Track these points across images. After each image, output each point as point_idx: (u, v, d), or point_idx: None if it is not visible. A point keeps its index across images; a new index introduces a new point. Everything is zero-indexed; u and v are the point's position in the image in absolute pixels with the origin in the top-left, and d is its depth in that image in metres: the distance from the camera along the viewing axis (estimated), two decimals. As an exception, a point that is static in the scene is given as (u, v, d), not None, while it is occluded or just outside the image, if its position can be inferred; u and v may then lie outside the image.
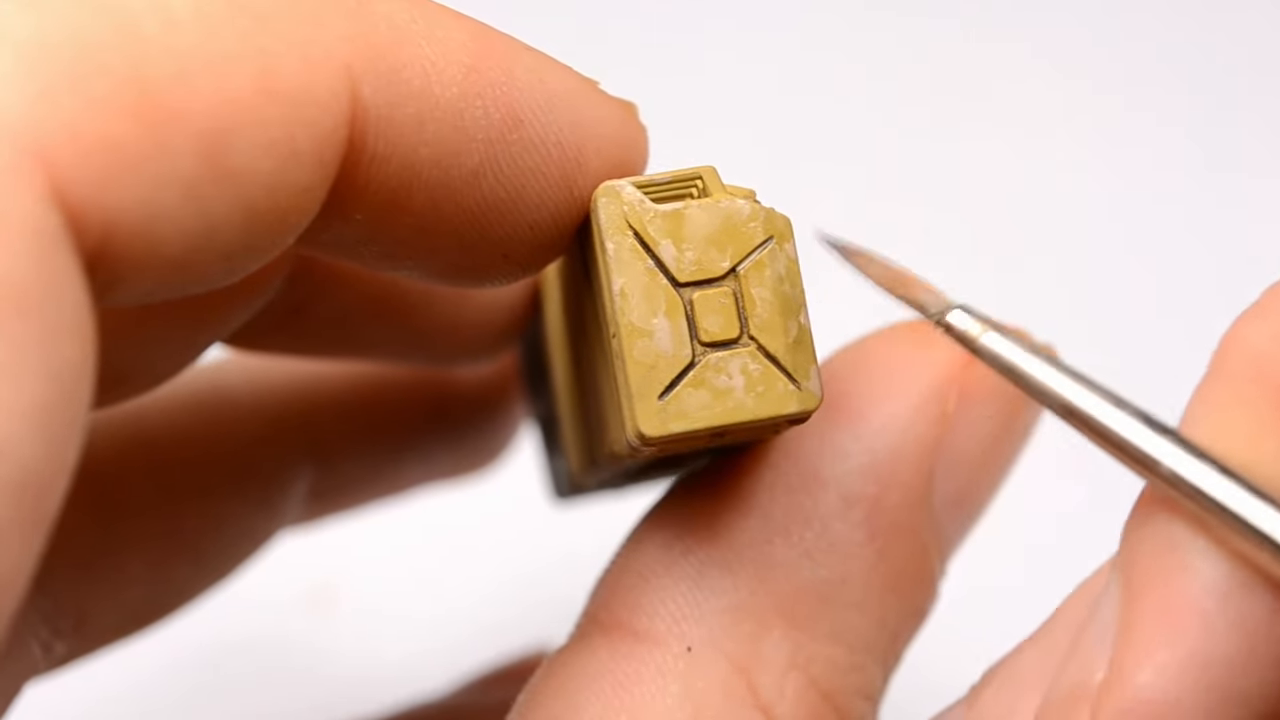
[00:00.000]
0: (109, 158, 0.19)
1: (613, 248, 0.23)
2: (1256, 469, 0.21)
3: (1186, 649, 0.21)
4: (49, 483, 0.19)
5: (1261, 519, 0.20)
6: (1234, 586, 0.21)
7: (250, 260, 0.22)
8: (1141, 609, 0.21)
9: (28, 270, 0.18)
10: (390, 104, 0.22)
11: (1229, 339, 0.22)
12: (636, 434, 0.23)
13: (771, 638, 0.25)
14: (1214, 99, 0.49)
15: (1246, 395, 0.21)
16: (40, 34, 0.19)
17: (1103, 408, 0.22)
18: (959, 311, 0.23)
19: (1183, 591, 0.21)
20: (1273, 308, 0.22)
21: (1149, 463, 0.21)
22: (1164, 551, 0.21)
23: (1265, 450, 0.21)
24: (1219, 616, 0.21)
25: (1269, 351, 0.21)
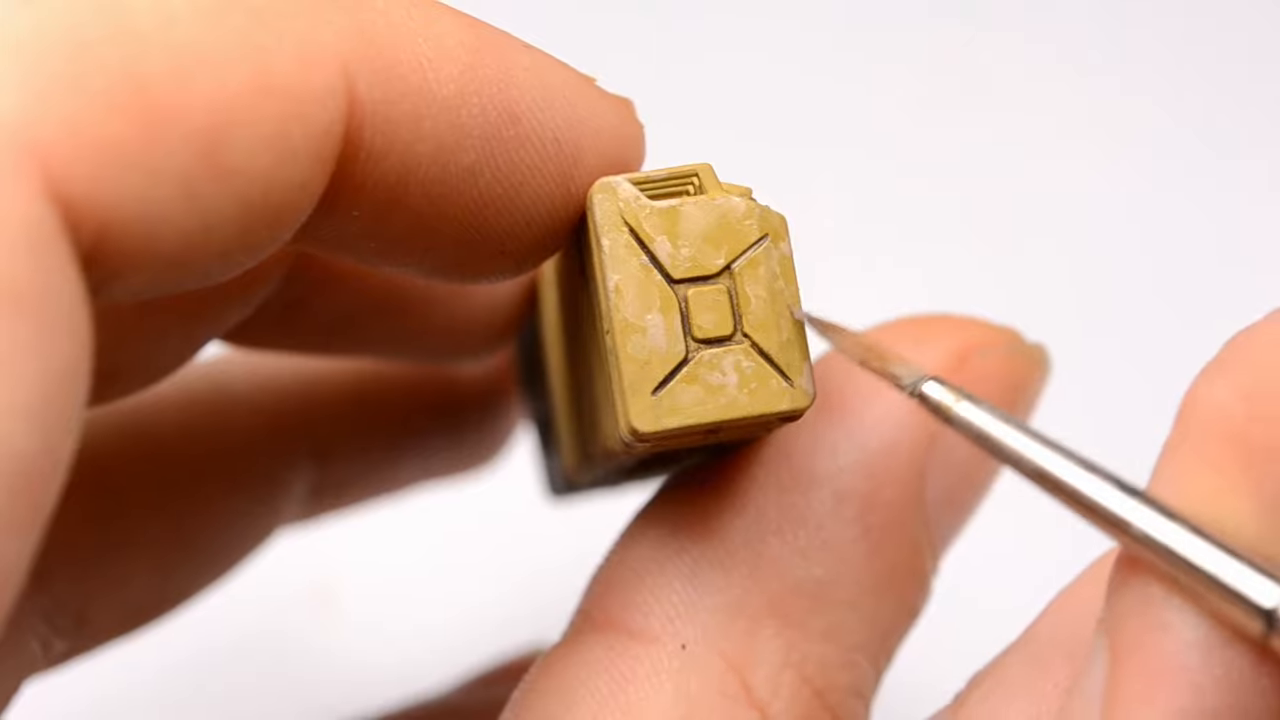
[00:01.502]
0: (105, 155, 0.19)
1: (608, 244, 0.23)
2: (1224, 528, 0.21)
3: (1173, 707, 0.21)
4: (44, 479, 0.19)
5: (1230, 576, 0.21)
6: (1213, 643, 0.21)
7: (247, 256, 0.22)
8: (1127, 669, 0.21)
9: (23, 267, 0.18)
10: (387, 100, 0.22)
11: (1192, 396, 0.22)
12: (630, 430, 0.23)
13: (765, 636, 0.25)
14: (1214, 88, 0.49)
15: (1212, 453, 0.21)
16: (36, 30, 0.19)
17: (1073, 472, 0.22)
18: (933, 383, 0.23)
19: (1165, 650, 0.21)
20: (1234, 363, 0.22)
21: (1120, 524, 0.21)
22: (1143, 611, 0.21)
23: (1233, 508, 0.21)
24: (1203, 673, 0.21)
25: (1232, 408, 0.21)
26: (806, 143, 0.49)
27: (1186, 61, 0.50)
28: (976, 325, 0.28)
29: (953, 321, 0.28)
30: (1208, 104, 0.49)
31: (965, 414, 0.23)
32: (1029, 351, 0.28)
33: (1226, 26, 0.50)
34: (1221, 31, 0.50)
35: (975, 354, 0.27)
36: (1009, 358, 0.28)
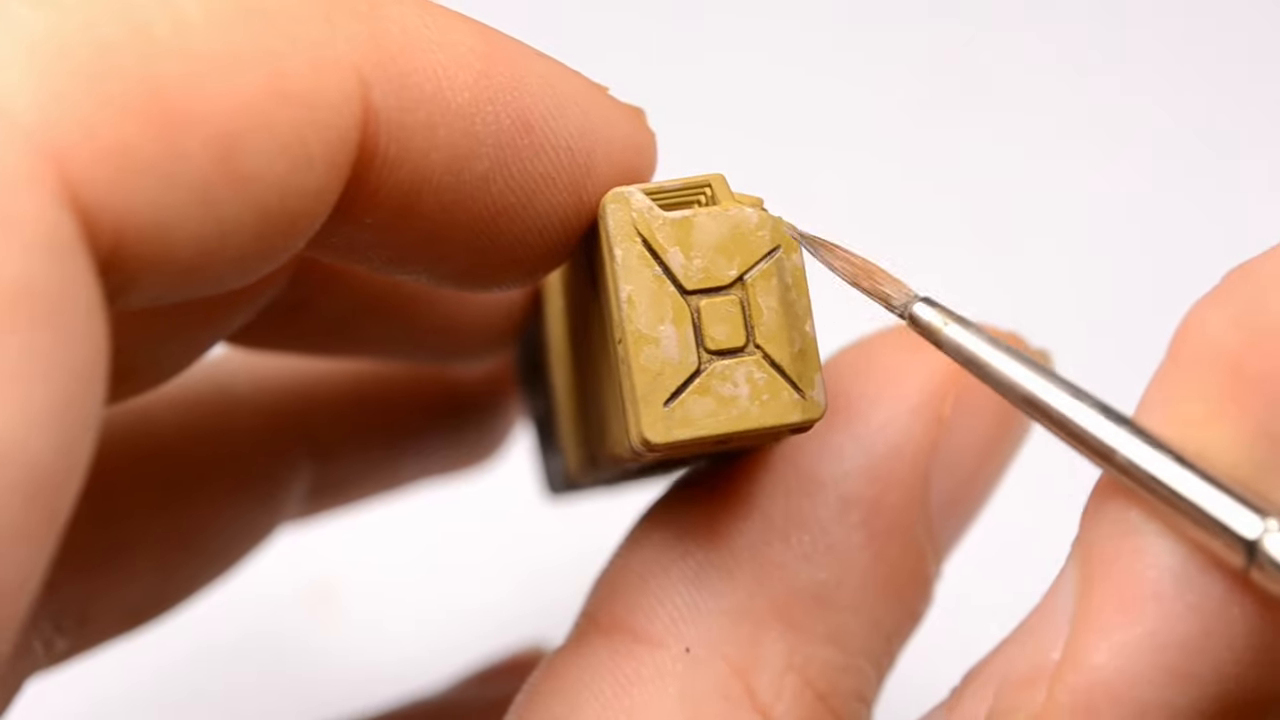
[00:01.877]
0: (122, 160, 0.19)
1: (621, 254, 0.23)
2: (1209, 455, 0.21)
3: (1142, 630, 0.21)
4: (61, 486, 0.19)
5: (1213, 506, 0.21)
6: (1190, 570, 0.21)
7: (261, 264, 0.22)
8: (1098, 591, 0.21)
9: (42, 274, 0.18)
10: (402, 108, 0.22)
11: (1186, 324, 0.22)
12: (641, 440, 0.23)
13: (769, 640, 0.25)
14: (1215, 87, 0.50)
15: (1201, 381, 0.21)
16: (53, 34, 0.19)
17: (1061, 398, 0.22)
18: (923, 304, 0.23)
19: (1139, 574, 0.21)
20: (1231, 293, 0.22)
21: (1106, 452, 0.21)
22: (1121, 535, 0.21)
23: (1218, 437, 0.21)
24: (1175, 599, 0.21)
25: (1225, 337, 0.21)
26: (806, 143, 0.49)
27: (1187, 61, 0.50)
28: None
29: None
30: (1208, 104, 0.49)
31: (955, 336, 0.23)
32: (1034, 356, 0.28)
33: (1227, 26, 0.50)
34: (1222, 31, 0.50)
35: None
36: None
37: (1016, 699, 0.22)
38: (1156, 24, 0.50)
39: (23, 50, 0.19)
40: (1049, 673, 0.22)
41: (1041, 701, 0.21)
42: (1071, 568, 0.22)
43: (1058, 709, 0.21)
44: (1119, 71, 0.50)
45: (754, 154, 0.47)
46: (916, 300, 0.23)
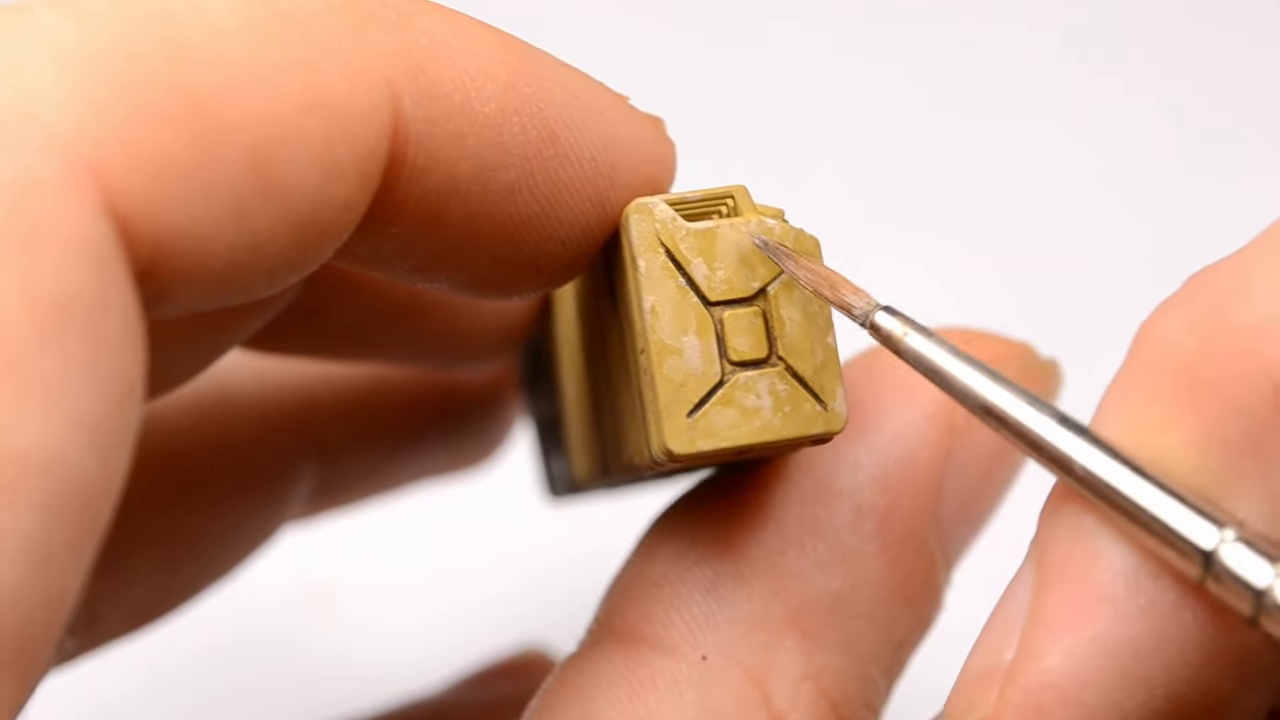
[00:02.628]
0: (159, 170, 0.19)
1: (644, 265, 0.23)
2: (1165, 462, 0.21)
3: (1094, 633, 0.21)
4: (101, 497, 0.19)
5: (1170, 516, 0.21)
6: (1142, 574, 0.21)
7: (290, 273, 0.22)
8: (1052, 593, 0.21)
9: (84, 286, 0.18)
10: (431, 119, 0.22)
11: (1145, 328, 0.22)
12: (664, 451, 0.23)
13: (785, 648, 0.25)
14: (1216, 87, 0.50)
15: (1158, 386, 0.21)
16: (89, 44, 0.19)
17: (1019, 407, 0.22)
18: (884, 313, 0.23)
19: (1092, 577, 0.21)
20: (1190, 298, 0.22)
21: (1064, 461, 0.22)
22: (1076, 538, 0.22)
23: (1174, 443, 0.21)
24: (1127, 603, 0.21)
25: (1181, 342, 0.21)
26: (806, 142, 0.49)
27: (1188, 61, 0.50)
28: (991, 340, 0.28)
29: (968, 336, 0.28)
30: (1209, 103, 0.49)
31: (915, 345, 0.23)
32: (1043, 366, 0.28)
33: (1229, 27, 0.50)
34: (1223, 31, 0.50)
35: (998, 369, 0.27)
36: (1023, 372, 0.28)
37: (971, 697, 0.22)
38: (1157, 23, 0.50)
39: (59, 61, 0.19)
40: (1002, 672, 0.22)
41: (994, 700, 0.22)
42: (1028, 568, 0.22)
43: (1009, 708, 0.21)
44: (1120, 71, 0.50)
45: (754, 153, 0.47)
46: (878, 309, 0.23)
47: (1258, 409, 0.21)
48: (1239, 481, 0.21)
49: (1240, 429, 0.21)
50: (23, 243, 0.18)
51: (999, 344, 0.28)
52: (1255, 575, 0.21)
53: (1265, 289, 0.21)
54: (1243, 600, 0.21)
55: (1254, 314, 0.21)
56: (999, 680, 0.22)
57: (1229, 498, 0.21)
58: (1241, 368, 0.21)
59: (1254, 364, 0.21)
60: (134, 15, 0.20)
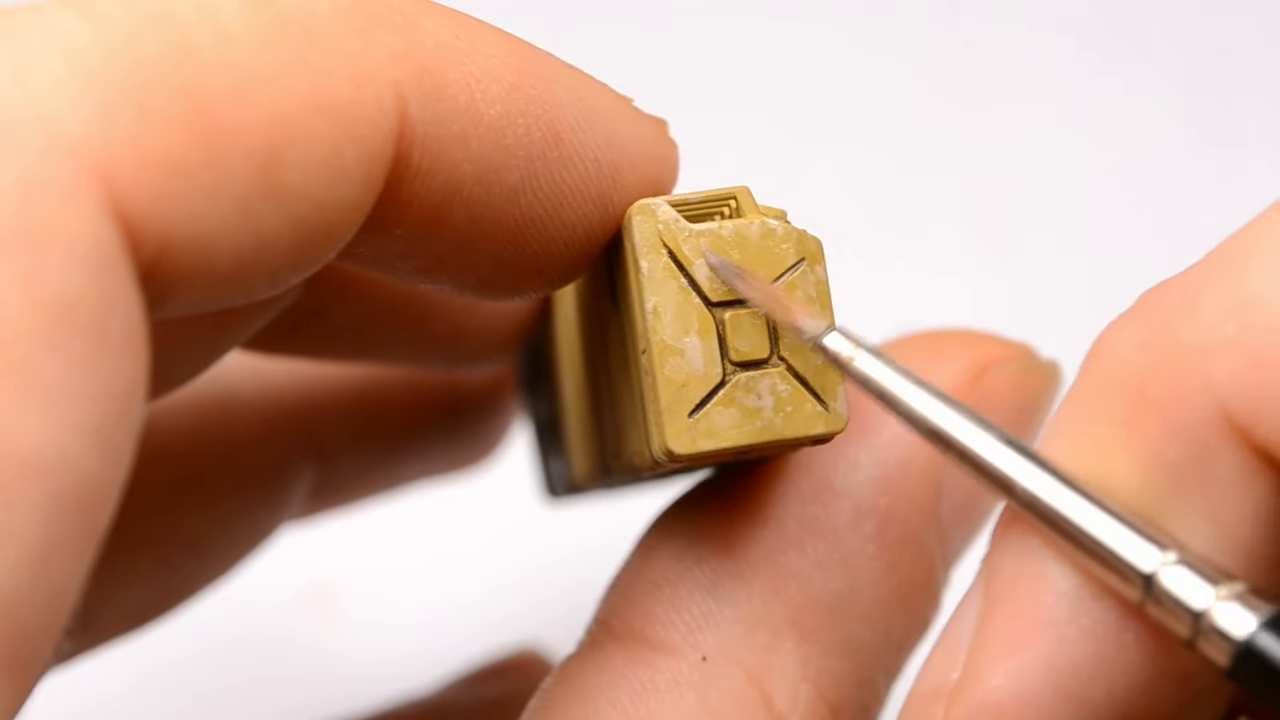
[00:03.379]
0: (166, 173, 0.19)
1: (646, 266, 0.23)
2: (1110, 482, 0.21)
3: (1037, 654, 0.21)
4: (102, 499, 0.19)
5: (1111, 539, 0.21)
6: (1085, 596, 0.21)
7: (294, 275, 0.22)
8: (998, 614, 0.22)
9: (88, 288, 0.18)
10: (436, 121, 0.22)
11: (1097, 345, 0.22)
12: (665, 451, 0.23)
13: (785, 649, 0.25)
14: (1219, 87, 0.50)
15: (1106, 405, 0.21)
16: (98, 47, 0.19)
17: (965, 429, 0.22)
18: (835, 334, 0.23)
19: (1036, 599, 0.21)
20: (1141, 316, 0.22)
21: (1007, 484, 0.22)
22: (1022, 559, 0.22)
23: (1120, 463, 0.21)
24: (1070, 625, 0.21)
25: (1131, 361, 0.21)
26: (806, 141, 0.49)
27: (1191, 60, 0.50)
28: (992, 341, 0.28)
29: (968, 337, 0.28)
30: (1212, 103, 0.49)
31: (863, 367, 0.23)
32: (1043, 368, 0.28)
33: (1231, 27, 0.50)
34: (1225, 32, 0.50)
35: (992, 370, 0.27)
36: (1024, 374, 0.28)
37: (917, 713, 0.22)
38: (1161, 23, 0.50)
39: (70, 61, 0.19)
40: (948, 691, 0.22)
41: (940, 718, 0.22)
42: (977, 588, 0.22)
43: None
44: (1122, 70, 0.50)
45: (754, 152, 0.47)
46: (828, 331, 0.23)
47: (1202, 431, 0.21)
48: (1182, 504, 0.21)
49: (1184, 451, 0.21)
50: (28, 243, 0.18)
51: (999, 345, 0.28)
52: (1194, 598, 0.21)
53: (1213, 310, 0.21)
54: (1182, 623, 0.21)
55: (1201, 335, 0.21)
56: (945, 699, 0.22)
57: (1172, 520, 0.21)
58: (1187, 389, 0.21)
59: (1199, 386, 0.21)
60: (144, 17, 0.20)
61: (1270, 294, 0.21)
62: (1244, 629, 0.20)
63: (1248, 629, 0.20)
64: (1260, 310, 0.21)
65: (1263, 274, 0.21)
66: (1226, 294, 0.21)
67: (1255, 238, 0.21)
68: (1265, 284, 0.21)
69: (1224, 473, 0.21)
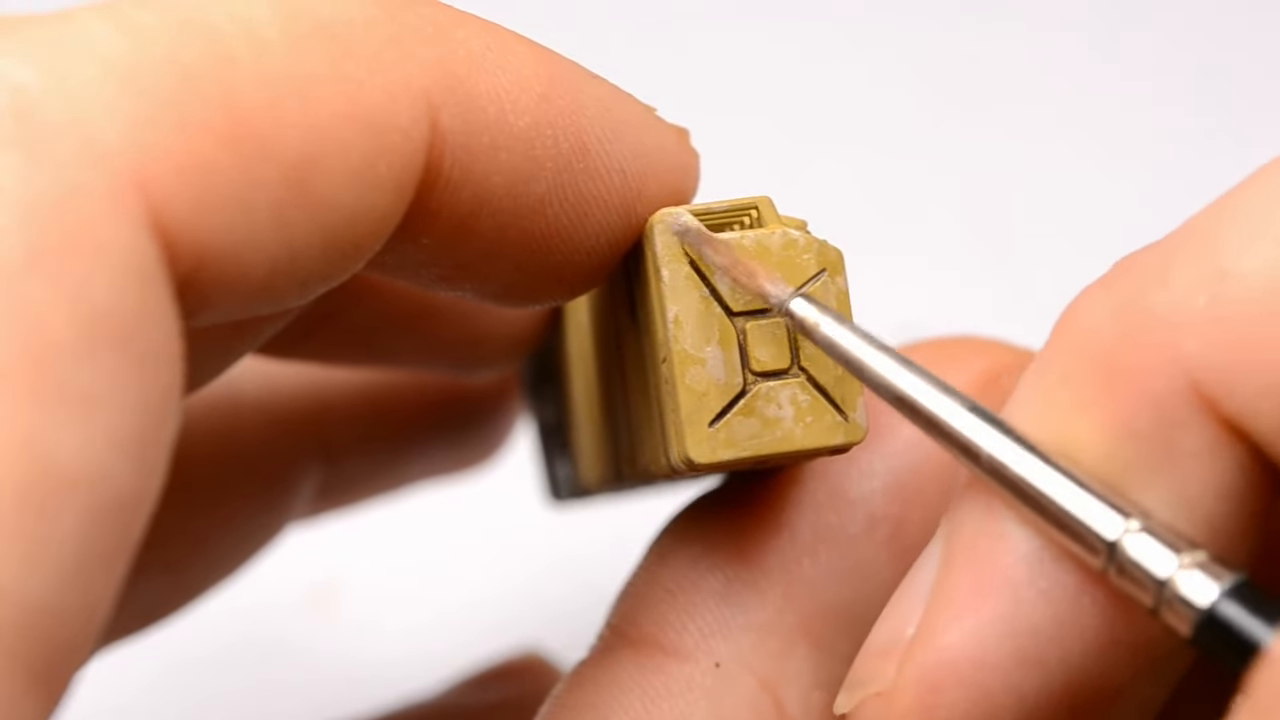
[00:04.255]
0: (203, 184, 0.19)
1: (668, 275, 0.24)
2: (1075, 450, 0.21)
3: (994, 614, 0.21)
4: (137, 511, 0.19)
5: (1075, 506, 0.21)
6: (1045, 559, 0.21)
7: (323, 284, 0.22)
8: (956, 573, 0.22)
9: (125, 299, 0.18)
10: (467, 132, 0.22)
11: (1069, 311, 0.22)
12: (684, 459, 0.24)
13: (797, 656, 0.25)
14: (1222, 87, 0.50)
15: (1074, 371, 0.21)
16: (136, 58, 0.19)
17: (930, 395, 0.22)
18: (800, 300, 0.23)
19: (996, 560, 0.21)
20: (1113, 284, 0.22)
21: (972, 450, 0.22)
22: (983, 519, 0.22)
23: (1085, 430, 0.21)
24: (1028, 586, 0.21)
25: (1101, 328, 0.21)
26: (808, 141, 0.49)
27: (1194, 59, 0.50)
28: (1002, 349, 0.28)
29: (980, 344, 0.28)
30: (1215, 102, 0.49)
31: (829, 333, 0.23)
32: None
33: (1234, 27, 0.50)
34: (1228, 32, 0.50)
35: (1002, 377, 0.28)
36: None
37: (870, 670, 0.22)
38: (1162, 21, 0.50)
39: (105, 72, 0.19)
40: (903, 648, 0.22)
41: (892, 675, 0.22)
42: (936, 546, 0.22)
43: (906, 685, 0.22)
44: (1125, 69, 0.50)
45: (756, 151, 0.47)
46: (794, 297, 0.23)
47: (1170, 402, 0.21)
48: (1148, 473, 0.21)
49: (1151, 420, 0.21)
50: (65, 254, 0.18)
51: (1009, 353, 0.28)
52: (1158, 566, 0.21)
53: (1184, 279, 0.21)
54: (1144, 591, 0.21)
55: (1171, 305, 0.21)
56: (898, 656, 0.22)
57: (1137, 489, 0.21)
58: (1156, 359, 0.21)
59: (1168, 356, 0.21)
60: (179, 27, 0.20)
61: (1242, 266, 0.21)
62: (1207, 597, 0.20)
63: (1210, 597, 0.20)
64: (1232, 282, 0.21)
65: (1235, 245, 0.21)
66: (1199, 265, 0.21)
67: (1229, 209, 0.21)
68: (1237, 256, 0.21)
69: (1191, 444, 0.21)
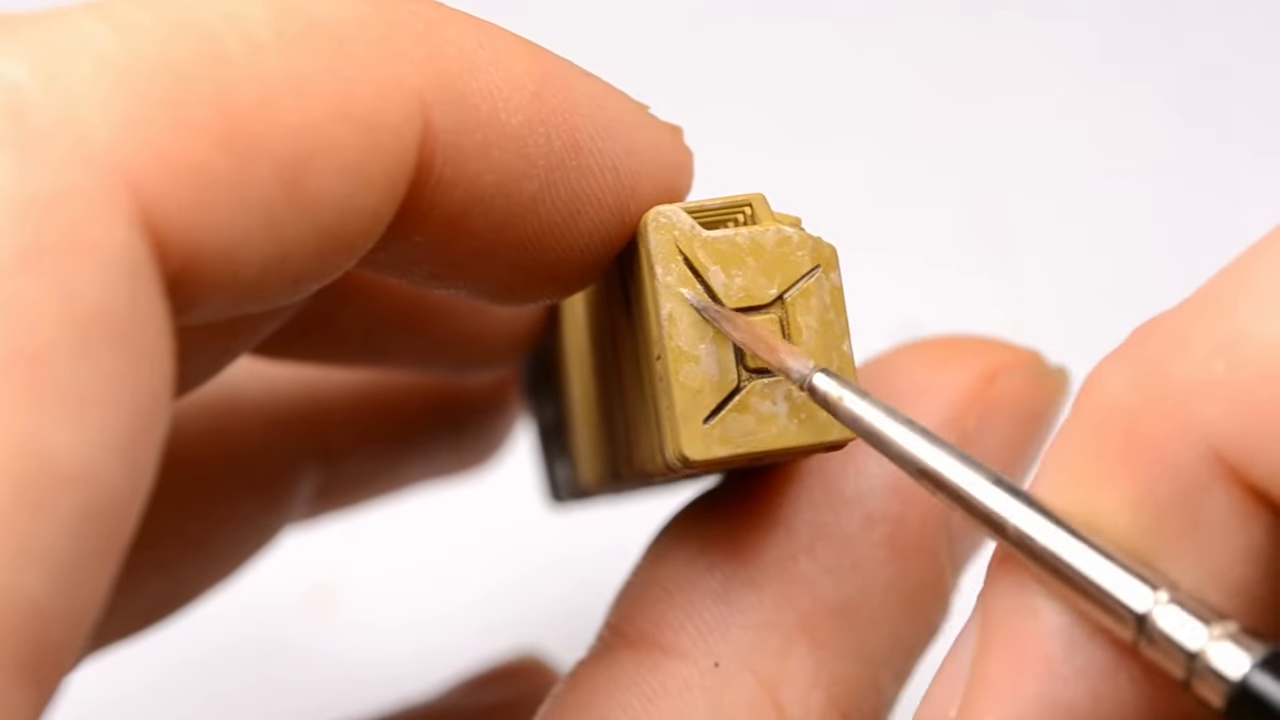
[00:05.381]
0: (194, 182, 0.19)
1: (662, 272, 0.24)
2: (1100, 521, 0.21)
3: (1031, 694, 0.21)
4: (128, 509, 0.19)
5: (1103, 578, 0.21)
6: (1079, 635, 0.21)
7: (315, 282, 0.22)
8: (992, 652, 0.22)
9: (116, 298, 0.18)
10: (459, 130, 0.22)
11: (1089, 382, 0.22)
12: (679, 457, 0.24)
13: (796, 654, 0.25)
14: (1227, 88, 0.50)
15: (1097, 442, 0.21)
16: (128, 55, 0.19)
17: (955, 468, 0.22)
18: (822, 375, 0.23)
19: (1031, 637, 0.21)
20: (1132, 353, 0.22)
21: (999, 524, 0.22)
22: (1016, 596, 0.22)
23: (1109, 501, 0.21)
24: (1064, 664, 0.21)
25: (1122, 399, 0.21)
26: (807, 139, 0.49)
27: (1196, 58, 0.50)
28: (1001, 347, 0.28)
29: (978, 344, 0.28)
30: (1219, 100, 0.49)
31: (851, 407, 0.23)
32: (1051, 374, 0.28)
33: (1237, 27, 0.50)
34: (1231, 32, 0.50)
35: (1001, 376, 0.28)
36: (1033, 380, 0.28)
37: None
38: (1164, 20, 0.50)
39: (98, 71, 0.19)
40: None
41: None
42: (973, 623, 0.22)
43: None
44: (1126, 70, 0.50)
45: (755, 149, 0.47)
46: (816, 372, 0.23)
47: (1193, 470, 0.21)
48: (1174, 543, 0.21)
49: (1175, 491, 0.21)
50: (57, 253, 0.18)
51: (1008, 352, 0.28)
52: (1188, 638, 0.20)
53: (1202, 346, 0.21)
54: (1176, 663, 0.21)
55: (1191, 374, 0.21)
56: None
57: (1164, 559, 0.21)
58: (1177, 429, 0.21)
59: (1190, 426, 0.21)
60: (173, 26, 0.20)
61: (1261, 330, 0.20)
62: (1239, 669, 0.20)
63: (1242, 669, 0.20)
64: (1251, 347, 0.20)
65: (1253, 310, 0.21)
66: (1217, 330, 0.21)
67: (1245, 273, 0.21)
68: (1256, 320, 0.21)
69: (1216, 512, 0.21)
